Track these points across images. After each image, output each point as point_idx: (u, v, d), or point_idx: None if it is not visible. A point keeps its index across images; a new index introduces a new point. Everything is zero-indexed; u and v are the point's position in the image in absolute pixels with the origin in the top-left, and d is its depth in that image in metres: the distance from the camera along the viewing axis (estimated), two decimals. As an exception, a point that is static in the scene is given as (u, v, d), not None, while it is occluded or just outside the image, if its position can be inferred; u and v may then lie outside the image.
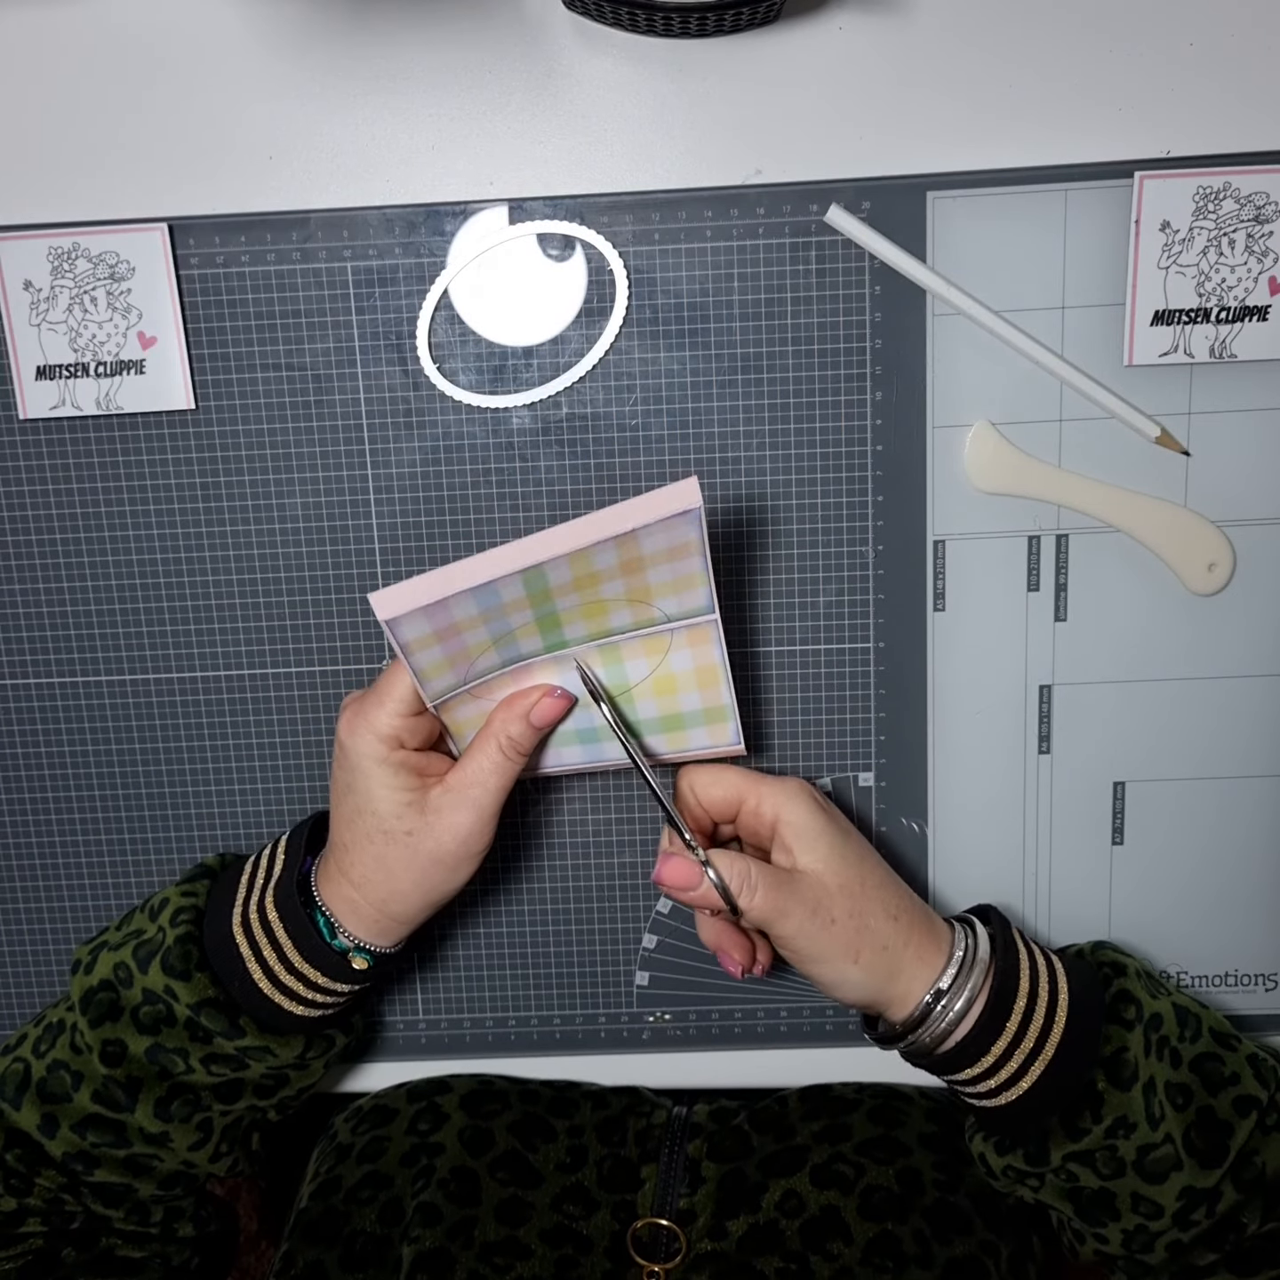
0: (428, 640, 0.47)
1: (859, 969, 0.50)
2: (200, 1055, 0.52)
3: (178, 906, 0.54)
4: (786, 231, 0.56)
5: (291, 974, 0.51)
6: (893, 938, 0.51)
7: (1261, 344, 0.56)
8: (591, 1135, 0.58)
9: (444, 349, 0.57)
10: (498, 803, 0.50)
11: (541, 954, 0.63)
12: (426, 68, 0.55)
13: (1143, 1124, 0.49)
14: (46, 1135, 0.52)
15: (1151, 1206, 0.50)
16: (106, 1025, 0.52)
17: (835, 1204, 0.53)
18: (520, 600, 0.47)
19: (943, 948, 0.51)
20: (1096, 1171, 0.50)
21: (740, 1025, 0.63)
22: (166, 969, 0.51)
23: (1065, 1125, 0.50)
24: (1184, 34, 0.54)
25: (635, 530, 0.45)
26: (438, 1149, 0.56)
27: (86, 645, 0.60)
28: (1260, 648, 0.59)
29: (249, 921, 0.52)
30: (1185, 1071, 0.51)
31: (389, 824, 0.50)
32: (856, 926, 0.50)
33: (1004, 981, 0.50)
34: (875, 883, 0.52)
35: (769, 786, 0.52)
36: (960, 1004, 0.50)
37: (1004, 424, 0.57)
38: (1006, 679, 0.60)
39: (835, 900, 0.50)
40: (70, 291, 0.56)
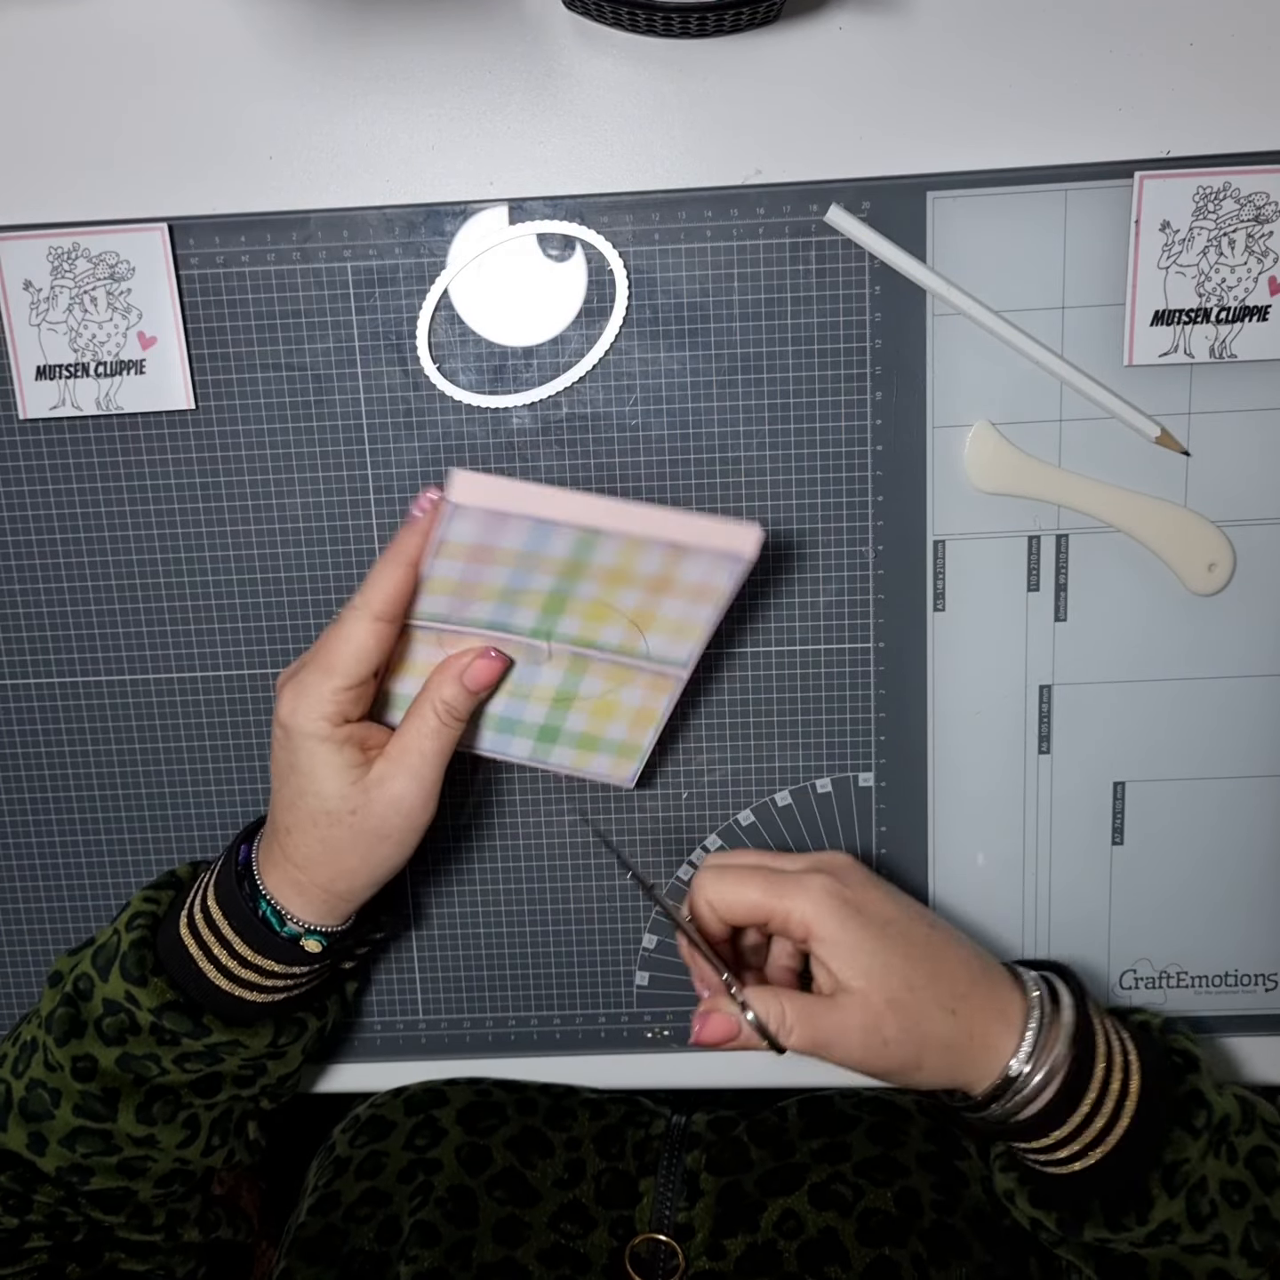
0: (459, 551, 0.46)
1: (923, 1074, 0.48)
2: (171, 1056, 0.52)
3: (136, 911, 0.53)
4: (786, 231, 0.56)
5: (246, 967, 0.51)
6: (955, 1034, 0.47)
7: (1261, 344, 0.56)
8: (589, 1148, 0.57)
9: (444, 349, 0.57)
10: (438, 770, 0.49)
11: (541, 954, 0.63)
12: (426, 68, 0.55)
13: (1187, 1227, 0.48)
14: (36, 1153, 0.52)
15: (1182, 1275, 0.49)
16: (73, 1042, 0.52)
17: (833, 1226, 0.52)
18: (557, 561, 0.47)
19: (1014, 1023, 0.48)
20: (1131, 1243, 0.49)
21: (740, 1025, 0.63)
22: (125, 975, 0.51)
23: (1107, 1216, 0.49)
24: (1184, 34, 0.54)
25: (688, 548, 0.46)
26: (435, 1166, 0.55)
27: (86, 645, 0.60)
28: (1260, 648, 0.59)
29: (194, 922, 0.52)
30: (1241, 1168, 0.49)
31: (333, 804, 0.49)
32: (913, 1039, 0.47)
33: (1081, 1063, 0.47)
34: (924, 979, 0.47)
35: (792, 900, 0.48)
36: (1039, 1080, 0.47)
37: (1004, 424, 0.57)
38: (1006, 679, 0.60)
39: (885, 1019, 0.46)
40: (70, 291, 0.56)
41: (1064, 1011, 0.48)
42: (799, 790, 0.61)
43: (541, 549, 0.46)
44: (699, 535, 0.46)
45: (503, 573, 0.48)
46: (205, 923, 0.51)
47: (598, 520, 0.45)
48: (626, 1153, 0.57)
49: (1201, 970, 0.62)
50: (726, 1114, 0.60)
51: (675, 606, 0.49)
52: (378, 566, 0.48)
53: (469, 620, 0.49)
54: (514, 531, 0.46)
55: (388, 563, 0.48)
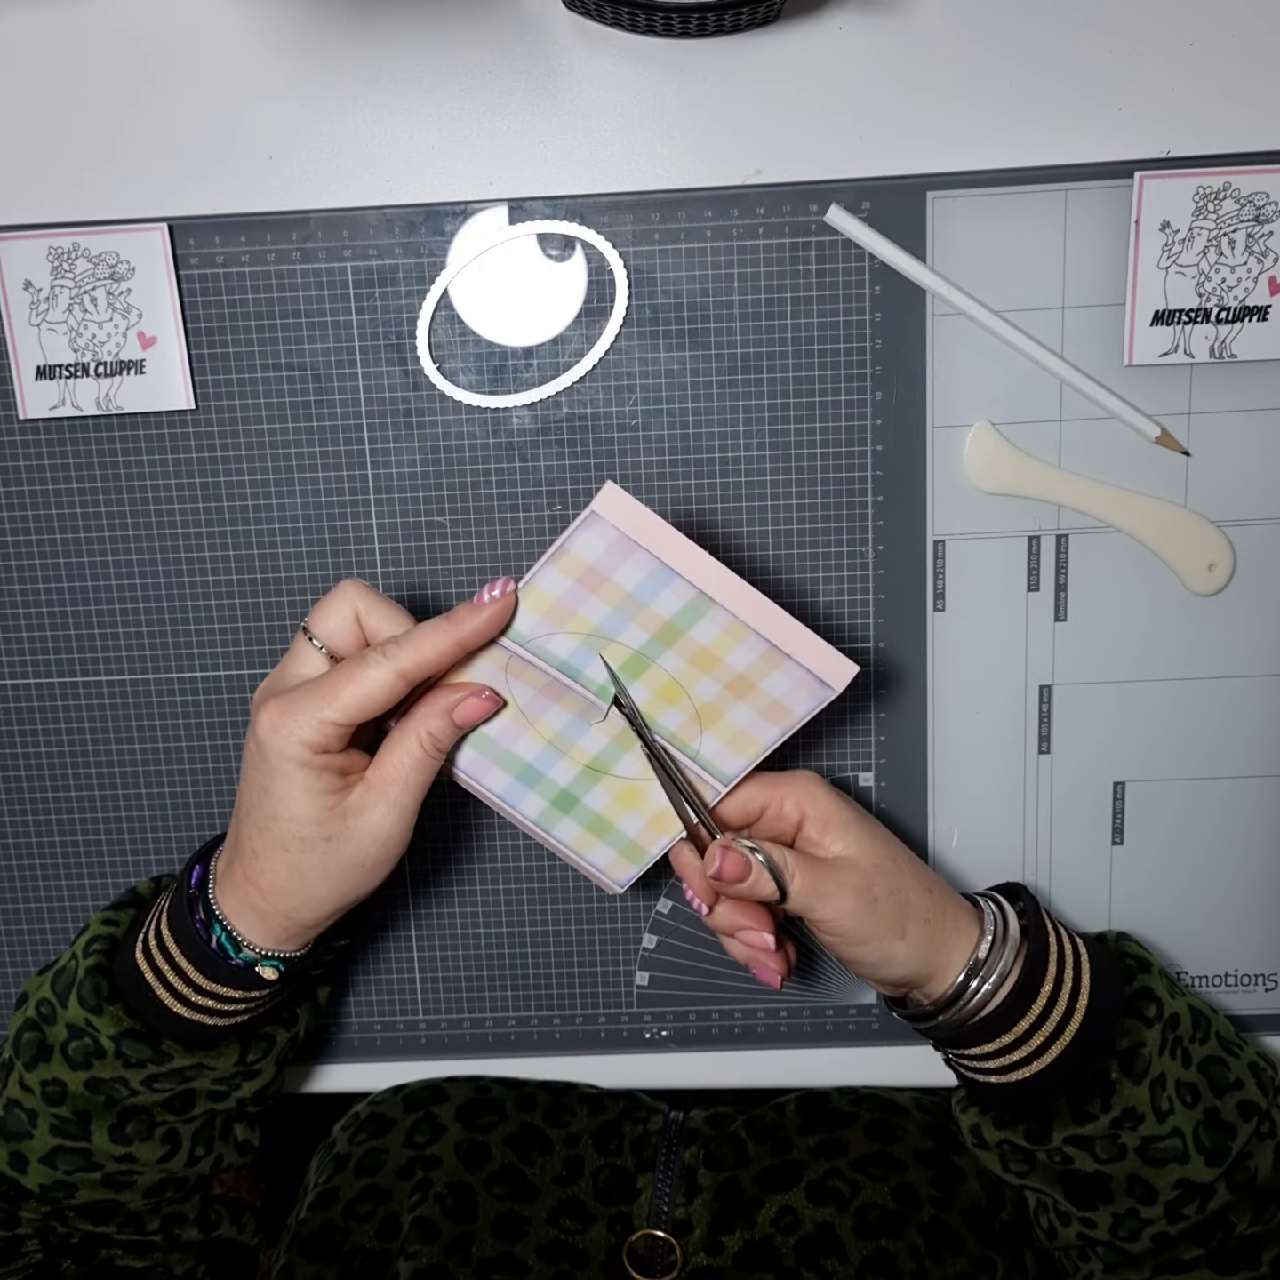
0: (574, 567, 0.45)
1: (905, 944, 0.50)
2: (140, 1079, 0.51)
3: (94, 935, 0.53)
4: (786, 231, 0.56)
5: (202, 994, 0.50)
6: (931, 910, 0.51)
7: (1261, 344, 0.56)
8: (587, 1144, 0.57)
9: (444, 349, 0.57)
10: (417, 801, 0.48)
11: (541, 954, 0.63)
12: (426, 68, 0.55)
13: (1150, 1116, 0.50)
14: (19, 1171, 0.52)
15: (1147, 1190, 0.51)
16: (40, 1066, 0.51)
17: (830, 1221, 0.53)
18: (658, 619, 0.46)
19: (974, 920, 0.51)
20: (1095, 1156, 0.51)
21: (740, 1025, 0.63)
22: (82, 1003, 0.51)
23: (1073, 1108, 0.50)
24: (1184, 34, 0.54)
25: (786, 658, 0.46)
26: (434, 1162, 0.55)
27: (86, 645, 0.60)
28: (1260, 648, 0.59)
29: (149, 949, 0.50)
30: (1194, 1072, 0.52)
31: (307, 830, 0.47)
32: (898, 902, 0.50)
33: (1034, 963, 0.50)
34: (905, 859, 0.52)
35: (787, 786, 0.52)
36: (994, 979, 0.50)
37: (1004, 424, 0.57)
38: (1006, 679, 0.60)
39: (874, 879, 0.50)
40: (70, 291, 0.56)
41: (1012, 916, 0.52)
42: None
43: (650, 598, 0.45)
44: (804, 649, 0.46)
45: (602, 610, 0.46)
46: (159, 949, 0.50)
47: (718, 590, 0.45)
48: (625, 1149, 0.58)
49: (1201, 970, 0.62)
50: (724, 1110, 0.60)
51: (745, 715, 0.48)
52: (426, 628, 0.46)
53: (546, 653, 0.47)
54: (634, 567, 0.45)
55: (439, 631, 0.46)
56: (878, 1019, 0.63)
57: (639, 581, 0.45)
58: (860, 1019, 0.63)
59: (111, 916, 0.54)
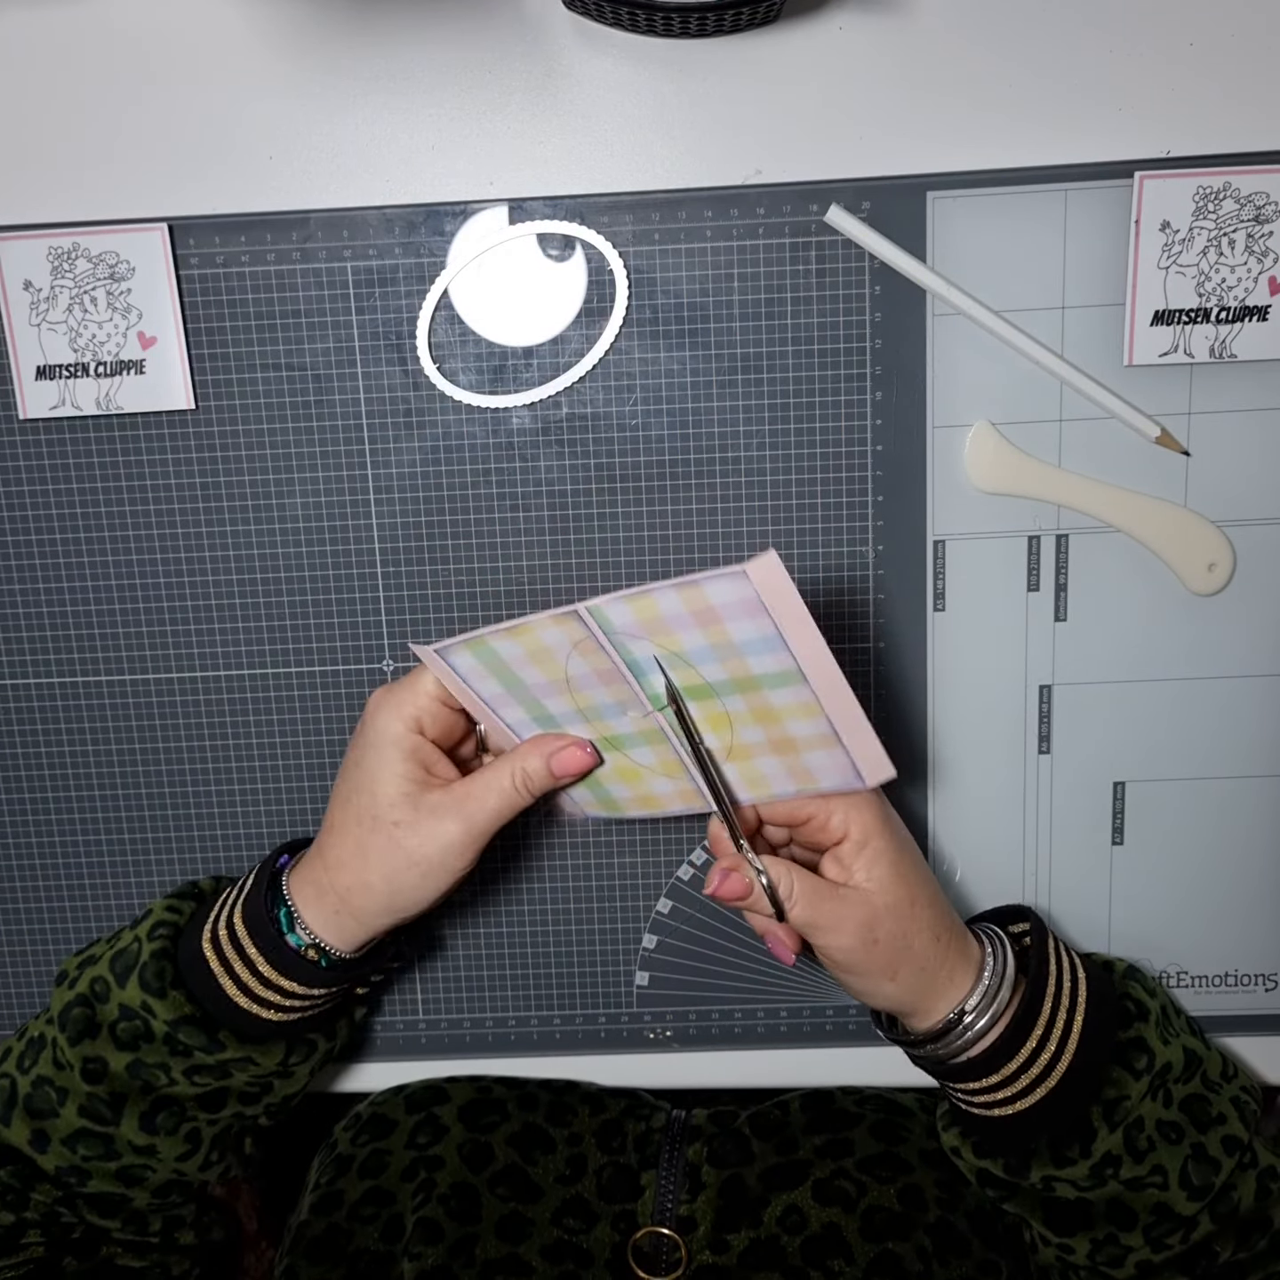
0: (698, 602, 0.45)
1: (894, 986, 0.50)
2: (182, 1068, 0.52)
3: (158, 920, 0.53)
4: (786, 231, 0.56)
5: (266, 986, 0.51)
6: (932, 959, 0.50)
7: (1261, 344, 0.55)
8: (590, 1143, 0.57)
9: (444, 349, 0.57)
10: (489, 825, 0.49)
11: (541, 954, 0.63)
12: (426, 68, 0.55)
13: (1127, 1159, 0.50)
14: (38, 1150, 0.53)
15: (1126, 1214, 0.51)
16: (85, 1043, 0.52)
17: (837, 1222, 0.53)
18: (749, 669, 0.46)
19: (973, 969, 0.51)
20: (1076, 1187, 0.51)
21: (740, 1025, 0.63)
22: (144, 985, 0.51)
23: (1052, 1150, 0.51)
24: (1184, 34, 0.54)
25: (837, 743, 0.47)
26: (437, 1163, 0.55)
27: (86, 645, 0.60)
28: (1260, 648, 0.59)
29: (218, 937, 0.52)
30: (1175, 1111, 0.52)
31: (381, 809, 0.49)
32: (899, 947, 0.49)
33: (1028, 1008, 0.50)
34: (925, 902, 0.50)
35: (839, 800, 0.50)
36: (982, 1024, 0.50)
37: (1004, 424, 0.57)
38: (1006, 679, 0.60)
39: (881, 920, 0.49)
40: (70, 291, 0.56)
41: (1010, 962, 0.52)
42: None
43: (749, 653, 0.46)
44: (858, 740, 0.47)
45: (699, 641, 0.46)
46: (229, 939, 0.51)
47: (816, 675, 0.45)
48: (628, 1146, 0.58)
49: (1201, 970, 0.62)
50: (727, 1107, 0.60)
51: (772, 766, 0.49)
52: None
53: (624, 648, 0.47)
54: (752, 625, 0.45)
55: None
56: (878, 1019, 0.63)
57: (749, 638, 0.45)
58: (860, 1019, 0.63)
59: (175, 904, 0.55)
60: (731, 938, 0.62)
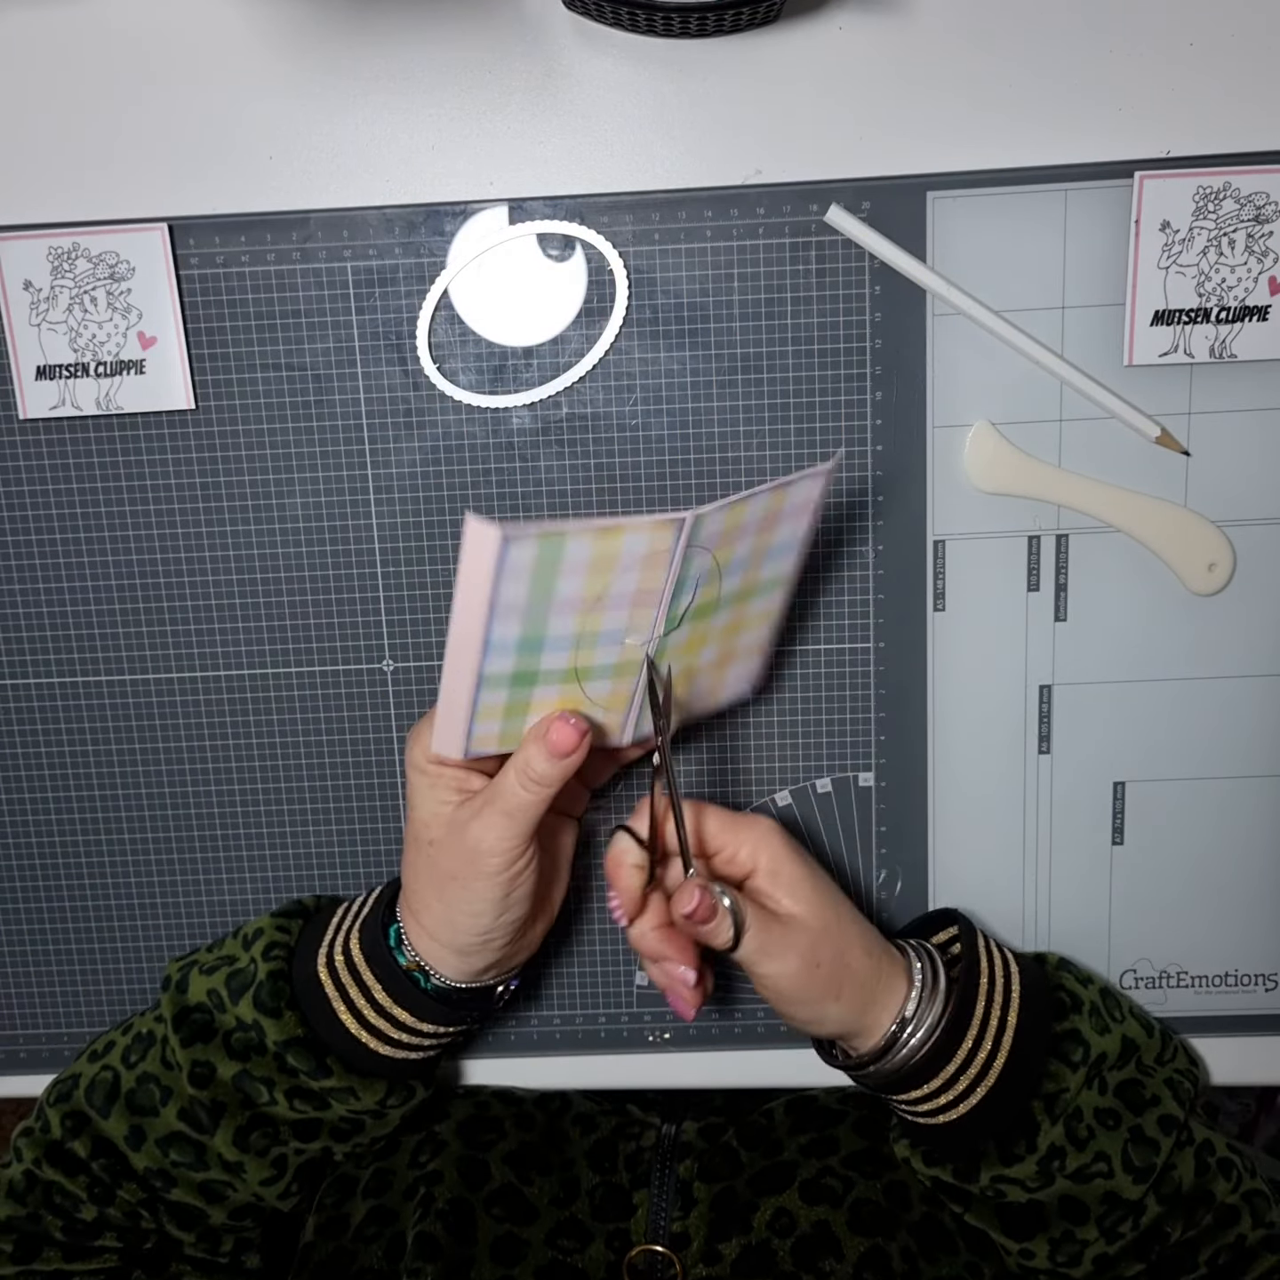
0: (776, 505, 0.48)
1: (839, 1006, 0.51)
2: (285, 1087, 0.52)
3: (271, 940, 0.54)
4: (786, 231, 0.56)
5: (379, 1014, 0.52)
6: (869, 973, 0.51)
7: (1261, 344, 0.55)
8: (583, 1164, 0.57)
9: (444, 349, 0.57)
10: (514, 825, 0.48)
11: (541, 954, 0.63)
12: (426, 68, 0.55)
13: (1070, 1149, 0.51)
14: (132, 1147, 0.53)
15: (1078, 1208, 0.52)
16: (198, 1046, 0.52)
17: (825, 1219, 0.53)
18: (759, 577, 0.50)
19: (904, 976, 0.52)
20: (1025, 1188, 0.52)
21: (740, 1025, 0.63)
22: (258, 1004, 0.52)
23: (1000, 1150, 0.51)
24: (1184, 34, 0.54)
25: (764, 642, 0.53)
26: (436, 1177, 0.55)
27: (86, 645, 0.60)
28: (1260, 648, 0.59)
29: (334, 962, 0.52)
30: (1110, 1097, 0.53)
31: (419, 830, 0.51)
32: (839, 965, 0.50)
33: (960, 1010, 0.51)
34: (850, 919, 0.52)
35: (747, 832, 0.52)
36: (923, 1032, 0.51)
37: (1004, 424, 0.57)
38: (1006, 679, 0.60)
39: (820, 943, 0.50)
40: (70, 291, 0.56)
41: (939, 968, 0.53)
42: (799, 790, 0.61)
43: (768, 559, 0.49)
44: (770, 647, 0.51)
45: (745, 549, 0.49)
46: (345, 964, 0.52)
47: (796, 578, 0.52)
48: (619, 1166, 0.57)
49: (1201, 970, 0.62)
50: (716, 1120, 0.60)
51: (700, 686, 0.51)
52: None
53: (689, 562, 0.47)
54: (789, 528, 0.48)
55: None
56: (878, 1019, 0.63)
57: (781, 540, 0.48)
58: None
59: (284, 924, 0.55)
60: (731, 938, 0.62)
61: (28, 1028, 0.64)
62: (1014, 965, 0.54)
